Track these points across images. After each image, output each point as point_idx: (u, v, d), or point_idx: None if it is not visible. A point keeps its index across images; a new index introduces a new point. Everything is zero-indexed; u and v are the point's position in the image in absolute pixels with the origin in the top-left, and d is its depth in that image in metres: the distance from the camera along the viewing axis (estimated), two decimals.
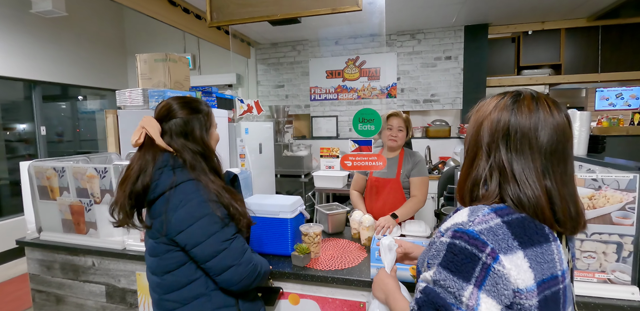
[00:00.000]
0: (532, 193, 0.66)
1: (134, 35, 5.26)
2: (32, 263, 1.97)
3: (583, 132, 1.73)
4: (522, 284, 0.60)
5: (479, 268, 0.60)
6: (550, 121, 0.68)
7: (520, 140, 0.68)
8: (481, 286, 0.60)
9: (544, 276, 0.62)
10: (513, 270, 0.60)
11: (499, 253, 0.60)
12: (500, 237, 0.62)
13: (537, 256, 0.62)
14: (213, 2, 1.49)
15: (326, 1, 1.37)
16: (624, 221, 1.19)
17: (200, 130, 1.08)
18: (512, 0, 3.44)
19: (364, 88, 4.38)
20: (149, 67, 2.66)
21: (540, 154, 0.68)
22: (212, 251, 1.00)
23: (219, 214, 1.00)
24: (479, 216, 0.65)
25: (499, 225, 0.63)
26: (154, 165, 1.02)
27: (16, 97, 4.23)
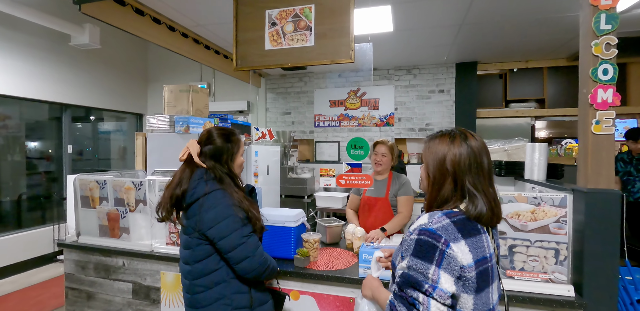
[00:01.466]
0: (484, 204, 0.93)
1: (155, 64, 5.79)
2: (68, 263, 2.27)
3: (541, 160, 2.06)
4: (465, 262, 0.86)
5: (437, 253, 0.86)
6: (484, 147, 0.99)
7: (477, 167, 0.95)
8: (440, 265, 0.85)
9: (478, 256, 0.88)
10: (459, 252, 0.86)
11: (450, 242, 0.86)
12: (450, 231, 0.88)
13: (473, 243, 0.89)
14: (238, 53, 1.89)
15: (326, 55, 1.77)
16: (559, 231, 1.49)
17: (226, 156, 1.42)
18: (497, 42, 3.89)
19: (364, 117, 4.78)
20: (174, 96, 3.07)
21: (486, 175, 0.96)
22: (234, 243, 1.30)
23: (240, 215, 1.32)
24: (435, 218, 0.92)
25: (448, 224, 0.90)
26: (191, 176, 1.37)
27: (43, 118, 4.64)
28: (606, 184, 1.46)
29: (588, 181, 1.49)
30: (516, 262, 1.54)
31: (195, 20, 3.33)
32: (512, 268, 1.54)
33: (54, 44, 4.29)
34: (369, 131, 4.81)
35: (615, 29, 1.46)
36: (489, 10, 3.04)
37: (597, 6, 1.48)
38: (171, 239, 2.02)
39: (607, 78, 1.47)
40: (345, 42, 1.73)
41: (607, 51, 1.48)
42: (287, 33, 1.83)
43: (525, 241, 1.53)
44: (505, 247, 1.55)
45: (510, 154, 2.50)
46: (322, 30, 1.77)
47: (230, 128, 1.50)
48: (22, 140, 4.33)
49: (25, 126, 4.34)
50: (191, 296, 1.37)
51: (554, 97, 4.42)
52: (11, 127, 4.17)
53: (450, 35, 3.62)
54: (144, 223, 2.10)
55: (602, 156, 1.47)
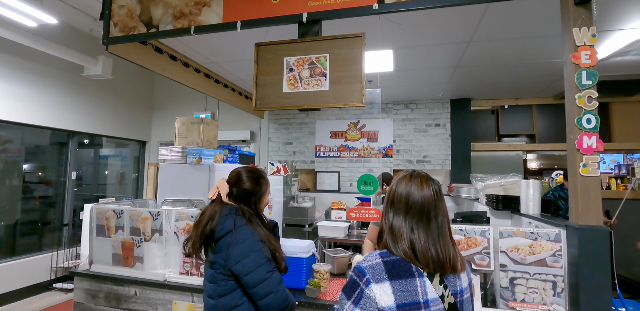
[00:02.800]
0: (402, 243, 0.93)
1: (161, 93, 6.01)
2: (78, 292, 2.29)
3: (536, 196, 2.22)
4: (384, 304, 0.86)
5: (357, 291, 0.89)
6: (418, 192, 0.97)
7: (398, 205, 0.98)
8: (357, 304, 0.88)
9: (405, 300, 0.86)
10: (379, 294, 0.86)
11: (372, 282, 0.88)
12: (377, 271, 0.89)
13: (400, 285, 0.87)
14: (258, 94, 2.07)
15: (339, 99, 1.95)
16: (556, 264, 1.61)
17: (254, 198, 1.52)
18: (488, 82, 4.19)
19: (363, 148, 4.97)
20: (186, 128, 3.23)
21: (408, 215, 0.96)
22: (259, 279, 1.34)
23: (265, 252, 1.39)
24: (369, 257, 0.94)
25: (379, 263, 0.91)
26: (220, 214, 1.45)
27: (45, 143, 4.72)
28: (595, 221, 1.61)
29: (579, 218, 1.63)
30: (517, 294, 1.64)
31: (208, 57, 3.57)
32: (514, 299, 1.64)
33: (66, 74, 4.48)
34: (369, 162, 4.98)
35: (595, 84, 1.68)
36: (481, 56, 3.33)
37: (579, 64, 1.70)
38: (185, 268, 2.09)
39: (591, 127, 1.66)
40: (357, 88, 1.92)
41: (589, 103, 1.68)
42: (303, 78, 2.02)
43: (525, 274, 1.64)
44: (506, 279, 1.66)
45: (506, 189, 2.66)
46: (336, 77, 1.96)
47: (259, 170, 1.59)
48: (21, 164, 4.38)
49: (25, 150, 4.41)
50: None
51: (543, 132, 4.68)
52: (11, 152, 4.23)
53: (446, 75, 3.91)
54: (158, 252, 2.17)
55: (590, 195, 1.63)
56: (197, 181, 2.83)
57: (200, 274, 2.04)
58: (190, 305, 2.02)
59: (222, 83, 4.11)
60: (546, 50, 3.17)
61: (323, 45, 2.02)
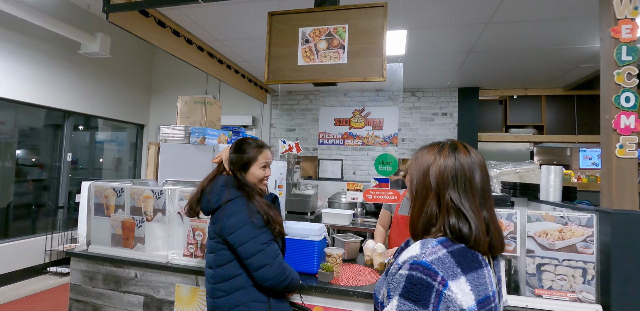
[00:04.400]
0: (475, 225, 0.77)
1: (160, 76, 5.83)
2: (75, 273, 2.18)
3: (557, 182, 2.13)
4: (465, 305, 0.70)
5: (434, 295, 0.69)
6: (478, 162, 0.84)
7: (464, 182, 0.81)
8: (437, 310, 0.69)
9: (480, 297, 0.72)
10: (459, 293, 0.70)
11: (448, 280, 0.70)
12: (447, 265, 0.72)
13: (474, 280, 0.73)
14: (270, 66, 1.94)
15: (359, 73, 1.83)
16: (586, 250, 1.52)
17: (238, 165, 1.47)
18: (498, 70, 4.07)
19: (368, 136, 4.86)
20: (188, 107, 3.09)
21: (477, 192, 0.81)
22: (253, 250, 1.32)
23: (259, 223, 1.35)
24: (429, 248, 0.75)
25: (445, 255, 0.74)
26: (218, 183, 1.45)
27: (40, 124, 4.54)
28: (631, 206, 1.52)
29: (613, 202, 1.54)
30: (544, 281, 1.56)
31: (212, 34, 3.40)
32: (541, 286, 1.56)
33: (63, 51, 4.29)
34: (373, 150, 4.88)
35: (636, 60, 1.57)
36: (497, 40, 3.21)
37: (619, 39, 1.58)
38: (189, 250, 1.98)
39: (630, 105, 1.56)
40: (377, 61, 1.80)
41: (628, 80, 1.57)
42: (320, 50, 1.89)
43: (553, 260, 1.56)
44: (533, 265, 1.57)
45: (521, 176, 2.57)
46: (355, 49, 1.84)
47: (260, 140, 1.57)
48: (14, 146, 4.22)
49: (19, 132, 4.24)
50: (212, 301, 1.39)
51: (552, 124, 4.60)
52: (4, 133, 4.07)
53: (457, 61, 3.78)
54: (161, 233, 2.06)
55: (625, 178, 1.54)
56: (200, 162, 2.71)
57: None
58: (194, 289, 1.92)
59: (225, 64, 3.95)
60: (566, 35, 3.06)
61: (342, 15, 1.89)
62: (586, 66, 3.82)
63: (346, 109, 4.99)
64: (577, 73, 4.06)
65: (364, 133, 4.90)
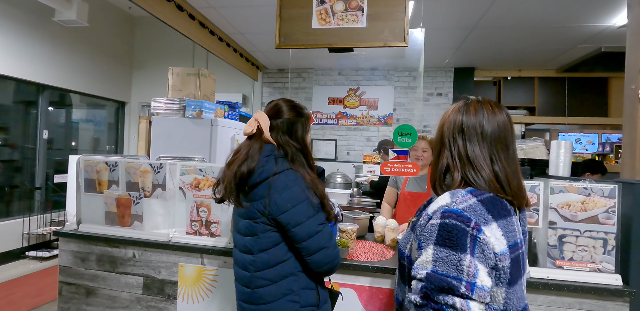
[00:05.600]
0: (486, 174, 0.82)
1: (142, 50, 5.48)
2: (64, 255, 2.03)
3: (567, 157, 2.11)
4: (498, 248, 0.72)
5: (469, 239, 0.70)
6: (492, 117, 0.86)
7: (470, 132, 0.86)
8: (474, 255, 0.70)
9: (510, 242, 0.75)
10: (492, 237, 0.72)
11: (481, 225, 0.72)
12: (479, 212, 0.74)
13: (505, 226, 0.76)
14: (282, 29, 1.79)
15: (379, 37, 1.71)
16: (608, 221, 1.51)
17: (301, 131, 1.26)
18: (496, 49, 4.03)
19: (362, 116, 4.77)
20: (180, 80, 2.89)
21: (485, 142, 0.85)
22: (310, 231, 1.13)
23: (315, 201, 1.16)
24: (459, 197, 0.78)
25: (475, 203, 0.76)
26: (260, 153, 1.19)
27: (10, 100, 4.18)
28: None
29: (636, 173, 1.53)
30: (565, 252, 1.54)
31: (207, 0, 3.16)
32: (562, 258, 1.54)
33: (36, 19, 3.93)
34: (367, 131, 4.80)
35: None
36: (504, 15, 3.14)
37: None
38: (192, 228, 1.86)
39: None
40: (399, 25, 1.69)
41: None
42: (336, 12, 1.75)
43: (575, 231, 1.54)
44: (555, 237, 1.55)
45: (526, 153, 2.56)
46: (375, 12, 1.71)
47: (297, 102, 1.34)
48: None
49: None
50: (252, 291, 1.18)
51: (543, 105, 4.65)
52: None
53: (459, 38, 3.71)
54: (161, 210, 1.92)
55: None
56: (197, 137, 2.55)
57: (211, 234, 1.82)
58: (200, 268, 1.81)
59: (217, 35, 3.72)
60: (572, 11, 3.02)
61: None
62: (582, 46, 3.83)
63: (340, 88, 4.86)
64: (572, 54, 4.08)
65: (358, 113, 4.81)
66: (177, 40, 4.81)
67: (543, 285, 1.50)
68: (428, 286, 0.70)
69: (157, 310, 1.88)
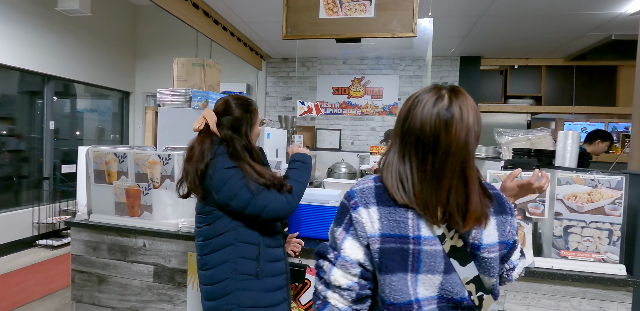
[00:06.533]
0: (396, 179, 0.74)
1: (145, 41, 5.44)
2: (76, 243, 2.07)
3: (574, 148, 2.11)
4: (369, 230, 0.73)
5: (347, 217, 0.76)
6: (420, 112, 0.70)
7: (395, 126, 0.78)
8: (348, 230, 0.75)
9: (392, 231, 0.72)
10: (365, 218, 0.73)
11: (360, 205, 0.74)
12: (366, 194, 0.75)
13: (388, 213, 0.73)
14: (289, 19, 1.77)
15: (387, 27, 1.69)
16: (614, 212, 1.52)
17: (246, 127, 1.35)
18: (503, 37, 3.97)
19: (367, 106, 4.75)
20: (185, 70, 2.88)
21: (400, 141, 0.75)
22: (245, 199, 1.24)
23: (252, 186, 1.25)
24: (362, 181, 0.80)
25: (369, 187, 0.77)
26: (211, 149, 1.29)
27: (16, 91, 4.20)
28: None
29: None
30: (570, 242, 1.56)
31: None
32: (567, 248, 1.56)
33: (39, 8, 3.90)
34: (372, 120, 4.79)
35: None
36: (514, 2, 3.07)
37: None
38: None
39: None
40: (407, 15, 1.66)
41: None
42: (344, 2, 1.73)
43: (580, 222, 1.55)
44: (560, 228, 1.57)
45: (533, 143, 2.55)
46: (384, 1, 1.68)
47: (247, 97, 1.43)
48: None
49: None
50: (201, 258, 1.35)
51: (550, 95, 4.60)
52: None
53: (466, 26, 3.65)
54: (169, 200, 1.95)
55: None
56: None
57: None
58: None
59: (221, 25, 3.68)
60: None
61: None
62: (592, 34, 3.75)
63: (345, 78, 4.82)
64: (581, 42, 4.01)
65: (363, 103, 4.78)
66: (180, 29, 4.76)
67: (547, 274, 1.52)
68: (316, 251, 0.81)
69: (167, 297, 1.93)
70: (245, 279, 1.30)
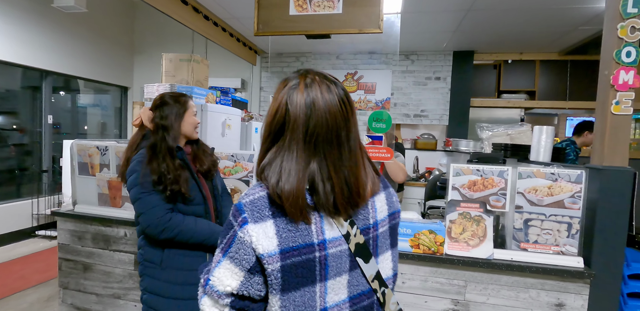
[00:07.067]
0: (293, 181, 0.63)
1: (143, 36, 5.51)
2: (62, 233, 2.16)
3: (548, 143, 2.12)
4: (263, 249, 0.61)
5: (230, 235, 0.64)
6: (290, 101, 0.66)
7: (290, 127, 0.66)
8: (226, 252, 0.64)
9: (294, 243, 0.63)
10: (255, 236, 0.62)
11: (249, 221, 0.63)
12: (258, 207, 0.64)
13: (286, 224, 0.63)
14: (260, 16, 1.81)
15: (354, 23, 1.72)
16: (573, 206, 1.55)
17: (174, 118, 1.41)
18: (495, 32, 3.94)
19: (360, 100, 4.77)
20: (173, 65, 2.94)
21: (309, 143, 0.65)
22: (133, 197, 1.34)
23: (148, 179, 1.31)
24: (253, 190, 0.67)
25: (261, 197, 0.65)
26: (138, 141, 1.46)
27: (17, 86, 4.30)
28: (621, 162, 1.53)
29: (604, 159, 1.55)
30: (530, 235, 1.60)
31: None
32: (527, 241, 1.60)
33: (36, 5, 3.98)
34: (365, 115, 4.79)
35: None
36: None
37: None
38: None
39: (630, 60, 1.52)
40: (374, 11, 1.69)
41: (631, 34, 1.52)
42: None
43: (540, 215, 1.59)
44: (521, 220, 1.60)
45: (513, 138, 2.57)
46: None
47: (178, 93, 1.51)
48: None
49: None
50: None
51: (544, 89, 4.56)
52: None
53: (454, 21, 3.64)
54: None
55: (619, 135, 1.53)
56: None
57: None
58: None
59: (212, 20, 3.72)
60: None
61: None
62: (585, 28, 3.72)
63: (338, 72, 4.84)
64: (574, 36, 3.97)
65: (355, 97, 4.80)
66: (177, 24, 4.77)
67: (506, 266, 1.56)
68: (199, 269, 0.73)
69: None
70: (150, 267, 1.39)
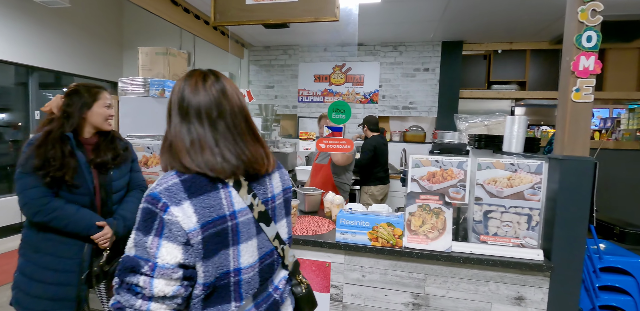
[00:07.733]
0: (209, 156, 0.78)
1: (131, 30, 5.48)
2: None
3: (520, 133, 2.07)
4: (187, 226, 0.71)
5: (157, 221, 0.72)
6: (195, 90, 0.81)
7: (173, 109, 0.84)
8: (161, 235, 0.71)
9: (209, 217, 0.74)
10: (181, 216, 0.71)
11: (170, 205, 0.71)
12: (173, 192, 0.73)
13: (201, 202, 0.74)
14: (217, 6, 1.78)
15: (310, 11, 1.68)
16: (533, 197, 1.52)
17: (79, 107, 1.45)
18: (482, 20, 3.86)
19: (348, 93, 4.72)
20: (150, 59, 2.92)
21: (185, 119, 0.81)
22: (15, 177, 1.39)
23: (29, 164, 1.35)
24: (164, 179, 0.76)
25: (175, 183, 0.74)
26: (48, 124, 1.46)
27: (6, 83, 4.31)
28: (581, 152, 1.49)
29: (564, 148, 1.51)
30: (490, 227, 1.56)
31: None
32: (486, 233, 1.57)
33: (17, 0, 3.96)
34: (353, 108, 4.75)
35: None
36: None
37: None
38: None
39: (591, 45, 1.46)
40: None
41: (592, 17, 1.47)
42: None
43: (500, 207, 1.55)
44: (480, 212, 1.57)
45: (490, 129, 2.52)
46: None
47: (91, 84, 1.54)
48: None
49: None
50: None
51: (535, 80, 4.48)
52: None
53: (438, 9, 3.56)
54: None
55: (579, 124, 1.49)
56: (160, 115, 2.59)
57: None
58: None
59: (192, 13, 3.68)
60: None
61: None
62: None
63: (326, 65, 4.79)
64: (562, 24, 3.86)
65: (344, 90, 4.75)
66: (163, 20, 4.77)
67: (465, 259, 1.53)
68: (119, 267, 0.73)
69: None
70: (25, 248, 1.45)
